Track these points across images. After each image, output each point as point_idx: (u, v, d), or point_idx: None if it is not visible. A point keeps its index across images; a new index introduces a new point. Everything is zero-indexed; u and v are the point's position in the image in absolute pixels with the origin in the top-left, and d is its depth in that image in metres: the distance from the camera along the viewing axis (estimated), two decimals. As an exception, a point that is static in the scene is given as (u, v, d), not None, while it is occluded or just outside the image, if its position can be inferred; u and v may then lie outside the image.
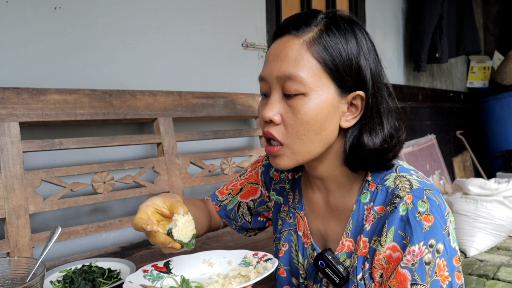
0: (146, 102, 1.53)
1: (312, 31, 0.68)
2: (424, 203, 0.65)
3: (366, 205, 0.73)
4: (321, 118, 0.67)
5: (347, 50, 0.67)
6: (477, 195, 2.65)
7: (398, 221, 0.66)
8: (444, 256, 0.64)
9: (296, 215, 0.86)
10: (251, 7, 2.11)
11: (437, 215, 0.65)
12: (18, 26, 1.33)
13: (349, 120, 0.71)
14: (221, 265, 0.77)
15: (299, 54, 0.67)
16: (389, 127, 0.71)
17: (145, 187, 1.48)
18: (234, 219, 0.99)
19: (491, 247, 2.65)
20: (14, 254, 1.17)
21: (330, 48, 0.67)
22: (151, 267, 0.75)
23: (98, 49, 1.52)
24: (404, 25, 3.52)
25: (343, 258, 0.75)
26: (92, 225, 1.34)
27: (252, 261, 0.75)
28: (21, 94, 1.25)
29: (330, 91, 0.68)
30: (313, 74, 0.67)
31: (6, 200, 1.18)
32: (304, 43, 0.67)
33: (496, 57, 4.54)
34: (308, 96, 0.67)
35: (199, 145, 1.81)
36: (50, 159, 1.39)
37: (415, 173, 0.72)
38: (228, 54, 1.98)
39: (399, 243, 0.65)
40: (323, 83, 0.67)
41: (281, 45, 0.70)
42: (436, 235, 0.64)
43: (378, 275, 0.69)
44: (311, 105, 0.67)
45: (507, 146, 3.99)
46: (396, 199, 0.67)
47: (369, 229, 0.71)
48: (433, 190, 0.68)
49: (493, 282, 2.19)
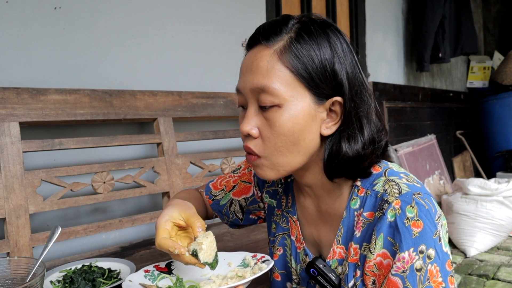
0: (146, 102, 1.53)
1: (282, 39, 0.66)
2: (412, 208, 0.64)
3: (356, 211, 0.71)
4: (298, 129, 0.66)
5: (319, 56, 0.65)
6: (477, 195, 2.65)
7: (387, 228, 0.64)
8: (436, 262, 0.62)
9: (289, 219, 0.85)
10: (251, 7, 2.11)
11: (426, 220, 0.63)
12: (18, 26, 1.33)
13: (330, 127, 0.69)
14: (221, 266, 0.77)
15: (270, 65, 0.65)
16: (370, 130, 0.69)
17: (145, 187, 1.48)
18: (226, 215, 0.99)
19: (491, 247, 2.65)
20: (14, 254, 1.17)
21: (301, 56, 0.64)
22: (153, 267, 0.76)
23: (98, 49, 1.52)
24: (404, 25, 3.52)
25: (334, 265, 0.74)
26: (92, 225, 1.34)
27: (250, 262, 0.76)
28: (21, 94, 1.25)
29: (306, 100, 0.66)
30: (286, 84, 0.65)
31: (6, 200, 1.18)
32: (275, 53, 0.65)
33: (496, 57, 4.54)
34: (283, 107, 0.65)
35: (199, 145, 1.81)
36: (50, 159, 1.39)
37: (404, 176, 0.70)
38: (228, 54, 1.98)
39: (389, 249, 0.64)
40: (297, 92, 0.65)
41: (252, 57, 0.68)
42: (426, 241, 0.62)
43: (370, 281, 0.68)
44: (287, 116, 0.65)
45: (507, 146, 3.99)
46: (385, 205, 0.66)
47: (359, 236, 0.70)
48: (423, 193, 0.66)
49: (493, 282, 2.19)
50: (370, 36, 3.07)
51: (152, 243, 1.45)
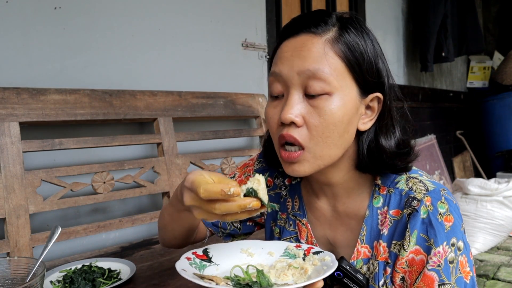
0: (146, 102, 1.53)
1: (332, 30, 0.66)
2: (443, 204, 0.66)
3: (379, 210, 0.71)
4: (347, 119, 0.65)
5: (367, 51, 0.66)
6: (477, 195, 2.65)
7: (420, 224, 0.66)
8: (465, 253, 0.66)
9: (297, 223, 0.83)
10: (251, 7, 2.11)
11: (455, 215, 0.66)
12: (18, 26, 1.33)
13: (366, 122, 0.69)
14: (261, 255, 0.73)
15: (324, 52, 0.64)
16: (399, 130, 0.71)
17: (145, 187, 1.48)
18: (223, 227, 0.94)
19: (491, 247, 2.65)
20: (14, 254, 1.17)
21: (353, 48, 0.65)
22: (192, 254, 0.70)
23: (98, 49, 1.52)
24: (404, 25, 3.52)
25: (359, 266, 0.73)
26: (92, 225, 1.34)
27: (297, 253, 0.71)
28: (21, 94, 1.25)
29: (353, 92, 0.66)
30: (338, 73, 0.64)
31: (6, 200, 1.18)
32: (327, 41, 0.64)
33: (496, 57, 4.54)
34: (333, 96, 0.64)
35: (199, 145, 1.81)
36: (50, 159, 1.39)
37: (423, 173, 0.72)
38: (228, 54, 1.98)
39: (422, 246, 0.66)
40: (347, 83, 0.65)
41: (300, 43, 0.65)
42: (456, 234, 0.65)
43: (398, 278, 0.68)
44: (337, 105, 0.64)
45: (507, 146, 3.99)
46: (414, 202, 0.67)
47: (387, 234, 0.70)
48: (446, 189, 0.69)
49: (493, 282, 2.19)
50: (370, 36, 3.07)
51: (153, 243, 1.45)
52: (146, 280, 1.08)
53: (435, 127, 3.88)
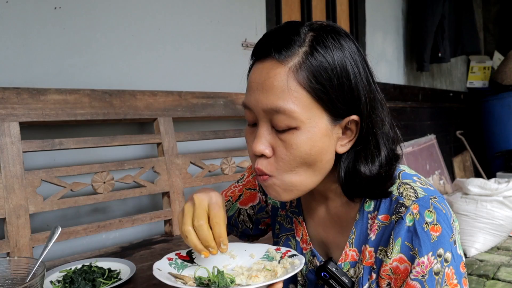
0: (146, 102, 1.53)
1: (297, 54, 0.61)
2: (431, 212, 0.63)
3: (370, 214, 0.70)
4: (316, 151, 0.63)
5: (337, 73, 0.61)
6: (477, 195, 2.65)
7: (405, 232, 0.64)
8: (452, 264, 0.63)
9: (294, 220, 0.84)
10: (251, 7, 2.11)
11: (444, 224, 0.63)
12: (18, 26, 1.33)
13: (345, 144, 0.66)
14: (243, 257, 0.75)
15: (286, 85, 0.60)
16: (386, 149, 0.67)
17: (145, 187, 1.48)
18: (235, 225, 0.97)
19: (491, 247, 2.65)
20: (14, 254, 1.17)
21: (319, 74, 0.60)
22: (175, 255, 0.73)
23: (98, 49, 1.52)
24: (404, 25, 3.52)
25: (346, 268, 0.73)
26: (92, 225, 1.34)
27: (275, 255, 0.73)
28: (21, 94, 1.25)
29: (322, 121, 0.62)
30: (303, 106, 0.61)
31: (6, 200, 1.18)
32: (290, 71, 0.60)
33: (496, 57, 4.54)
34: (300, 130, 0.61)
35: (199, 145, 1.81)
36: (50, 159, 1.39)
37: (418, 180, 0.69)
38: (228, 54, 1.98)
39: (406, 254, 0.64)
40: (314, 114, 0.62)
41: (264, 73, 0.62)
42: (444, 245, 0.62)
43: (385, 283, 0.67)
44: (304, 139, 0.62)
45: (507, 146, 3.99)
46: (402, 208, 0.65)
47: (374, 239, 0.69)
48: (438, 197, 0.66)
49: (493, 282, 2.19)
50: (370, 36, 3.07)
51: (153, 243, 1.45)
52: (146, 280, 1.08)
53: (435, 127, 3.88)
